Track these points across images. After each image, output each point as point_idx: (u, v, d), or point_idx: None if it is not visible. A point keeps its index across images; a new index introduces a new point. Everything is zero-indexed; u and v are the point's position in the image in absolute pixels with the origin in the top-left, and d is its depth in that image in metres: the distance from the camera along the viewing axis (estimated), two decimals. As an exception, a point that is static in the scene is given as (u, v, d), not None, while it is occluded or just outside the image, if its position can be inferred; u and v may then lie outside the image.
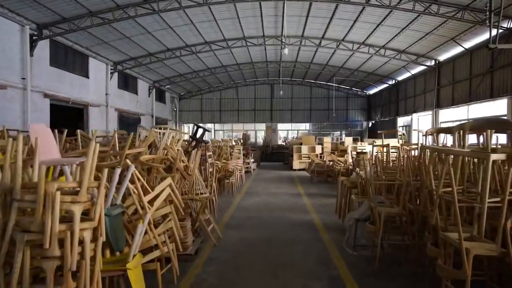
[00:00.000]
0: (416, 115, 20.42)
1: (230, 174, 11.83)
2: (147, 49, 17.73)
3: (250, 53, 21.64)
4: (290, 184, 14.59)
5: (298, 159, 20.41)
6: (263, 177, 17.00)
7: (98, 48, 16.07)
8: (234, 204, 9.92)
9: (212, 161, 9.95)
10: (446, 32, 14.19)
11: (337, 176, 14.46)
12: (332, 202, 10.13)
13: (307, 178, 16.55)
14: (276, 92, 30.30)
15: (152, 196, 4.13)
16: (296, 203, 10.25)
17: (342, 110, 30.62)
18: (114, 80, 18.82)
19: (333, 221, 7.81)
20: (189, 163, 6.72)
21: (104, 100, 17.77)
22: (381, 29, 15.40)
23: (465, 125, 3.81)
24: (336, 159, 15.08)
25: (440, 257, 3.75)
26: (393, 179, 6.54)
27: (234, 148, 16.79)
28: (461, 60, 15.39)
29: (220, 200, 10.27)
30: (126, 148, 4.70)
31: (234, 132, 33.26)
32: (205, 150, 9.44)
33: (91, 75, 16.49)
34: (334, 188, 13.09)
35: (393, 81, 23.91)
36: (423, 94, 19.31)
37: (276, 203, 10.24)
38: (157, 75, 23.27)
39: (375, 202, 5.27)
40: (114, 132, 6.05)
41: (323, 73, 25.88)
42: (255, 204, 10.04)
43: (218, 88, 31.09)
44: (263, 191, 12.46)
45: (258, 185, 14.18)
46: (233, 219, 8.06)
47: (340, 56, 21.20)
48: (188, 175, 6.19)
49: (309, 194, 11.86)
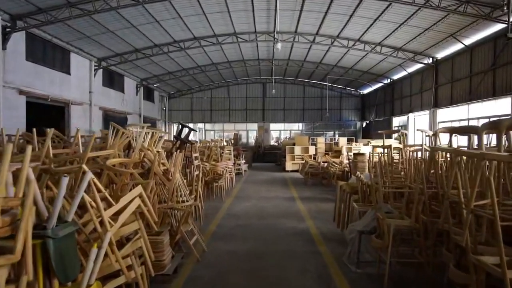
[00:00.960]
0: (413, 115, 19.84)
1: (219, 176, 11.07)
2: (133, 44, 16.85)
3: (241, 50, 20.88)
4: (283, 186, 13.87)
5: (291, 160, 19.70)
6: (254, 179, 16.26)
7: (80, 43, 15.16)
8: (223, 210, 9.15)
9: (199, 163, 9.18)
10: (445, 28, 13.57)
11: (332, 178, 13.79)
12: (328, 208, 9.44)
13: (300, 180, 15.85)
14: (269, 91, 29.57)
15: (115, 209, 3.36)
16: (290, 208, 9.52)
17: (335, 110, 29.99)
18: (98, 77, 17.91)
19: (331, 230, 7.09)
20: (171, 166, 5.95)
21: (88, 98, 16.86)
22: (378, 24, 14.75)
23: (503, 123, 3.09)
24: (331, 161, 14.39)
25: (470, 285, 3.05)
26: (400, 185, 5.85)
27: (224, 148, 16.03)
28: (461, 58, 14.80)
29: (208, 205, 9.51)
30: (88, 150, 3.90)
31: (225, 132, 32.44)
32: (191, 151, 8.66)
33: (73, 71, 15.59)
34: (329, 191, 12.41)
35: (388, 80, 23.32)
36: (420, 93, 18.73)
37: (268, 208, 9.50)
38: (145, 72, 22.38)
39: (382, 212, 4.55)
40: (76, 131, 5.24)
41: (317, 71, 25.21)
42: (245, 209, 9.29)
43: (209, 87, 30.26)
44: (255, 195, 11.72)
45: (249, 187, 13.43)
46: (221, 228, 7.30)
47: (334, 54, 20.53)
48: (167, 180, 5.42)
49: (304, 198, 11.15)
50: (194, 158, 8.75)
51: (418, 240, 4.59)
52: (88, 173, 3.07)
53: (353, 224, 5.28)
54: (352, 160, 10.72)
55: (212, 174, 11.18)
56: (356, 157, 10.62)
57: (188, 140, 8.50)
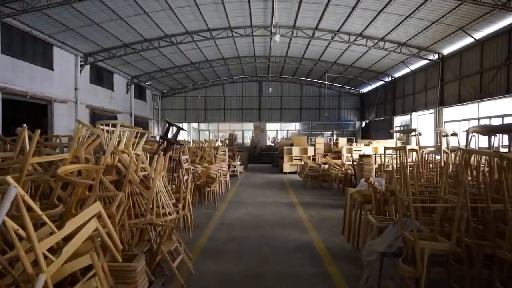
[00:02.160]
0: (416, 114, 18.98)
1: (212, 180, 10.10)
2: (122, 39, 15.84)
3: (236, 46, 19.92)
4: (281, 190, 12.94)
5: (289, 162, 18.77)
6: (250, 182, 15.31)
7: (64, 36, 14.13)
8: (216, 218, 8.19)
9: (188, 166, 8.22)
10: (455, 21, 12.70)
11: (333, 181, 12.88)
12: (332, 215, 8.53)
13: (299, 182, 14.93)
14: (265, 90, 28.68)
15: (58, 238, 2.41)
16: (290, 216, 8.58)
17: (334, 109, 29.12)
18: (85, 74, 16.89)
19: (339, 244, 6.15)
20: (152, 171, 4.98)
21: (73, 96, 15.84)
22: (382, 17, 13.86)
23: None
24: (332, 163, 13.47)
25: None
26: (427, 196, 4.94)
27: (218, 149, 15.07)
28: (470, 53, 13.94)
29: (199, 213, 8.55)
30: (30, 154, 2.92)
31: (221, 132, 31.50)
32: (179, 153, 7.70)
33: (57, 67, 14.56)
34: (330, 196, 11.50)
35: (389, 78, 22.46)
36: (424, 92, 17.87)
37: (266, 215, 8.56)
38: (136, 69, 21.37)
39: (414, 232, 3.61)
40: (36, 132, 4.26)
41: (315, 69, 24.32)
42: (240, 217, 8.34)
43: (203, 85, 29.29)
44: (251, 200, 10.77)
45: (244, 191, 12.48)
46: (212, 241, 6.34)
47: (334, 51, 19.64)
48: (146, 189, 4.46)
49: (304, 203, 10.21)
50: (183, 160, 7.79)
51: (456, 266, 3.67)
52: (11, 189, 2.12)
53: (372, 243, 4.34)
54: (357, 162, 9.81)
55: (204, 177, 10.21)
56: (362, 159, 9.70)
57: (176, 140, 7.54)
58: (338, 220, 8.00)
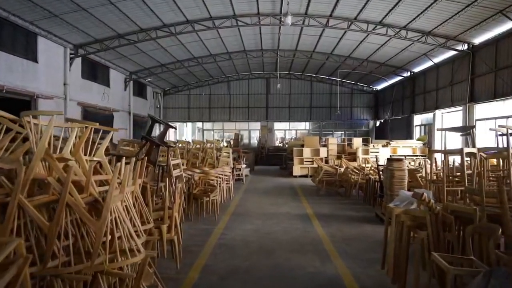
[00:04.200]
0: (440, 112, 17.21)
1: (212, 188, 8.50)
2: (114, 28, 14.30)
3: (242, 39, 18.31)
4: (293, 197, 11.32)
5: (299, 164, 17.13)
6: (257, 187, 13.70)
7: (49, 24, 12.63)
8: (214, 237, 6.59)
9: (180, 173, 6.64)
10: (493, 3, 10.97)
11: (352, 188, 11.23)
12: (359, 233, 6.93)
13: (311, 188, 13.31)
14: (273, 87, 27.05)
15: None
16: (306, 234, 6.95)
17: (346, 107, 27.36)
18: (76, 68, 15.42)
19: (378, 282, 4.52)
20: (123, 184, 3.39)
21: (62, 92, 14.36)
22: (405, 1, 12.18)
23: None
24: (351, 166, 11.80)
25: None
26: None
27: (221, 151, 13.49)
28: (510, 40, 12.17)
29: (195, 230, 6.98)
30: None
31: (226, 132, 29.95)
32: (167, 157, 6.10)
33: (42, 58, 13.08)
34: (351, 205, 9.85)
35: (408, 73, 20.67)
36: (450, 87, 16.09)
37: (277, 233, 6.95)
38: (134, 64, 19.87)
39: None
40: None
41: (327, 64, 22.62)
42: (245, 236, 6.73)
43: (207, 82, 27.73)
44: (258, 210, 9.17)
45: (250, 199, 10.88)
46: (206, 276, 4.74)
47: (348, 43, 17.95)
48: (92, 220, 2.87)
49: (321, 215, 8.59)
50: (173, 166, 6.19)
51: None
52: None
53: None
54: (385, 167, 8.15)
55: (202, 185, 8.62)
56: (391, 163, 8.01)
57: (163, 141, 5.96)
58: (368, 241, 6.39)
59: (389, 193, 7.99)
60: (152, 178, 5.78)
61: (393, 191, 7.87)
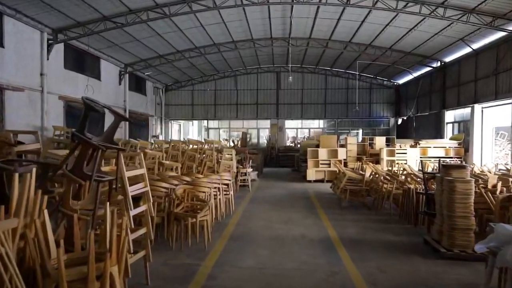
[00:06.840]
0: (479, 106, 14.70)
1: (201, 205, 6.26)
2: (98, 9, 12.16)
3: (249, 23, 16.02)
4: (308, 211, 9.05)
5: (314, 167, 14.84)
6: (265, 195, 11.45)
7: (16, 1, 10.57)
8: (196, 285, 4.38)
9: (147, 189, 4.43)
10: None
11: (383, 200, 8.91)
12: (411, 273, 4.65)
13: (330, 196, 11.07)
14: (283, 82, 24.74)
15: None
16: (333, 275, 4.69)
17: (364, 103, 24.84)
18: (57, 56, 13.37)
19: None
20: None
21: (38, 83, 12.31)
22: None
23: None
24: (381, 173, 9.47)
25: None
26: None
27: (223, 152, 11.35)
28: None
29: (172, 267, 4.77)
30: None
31: (233, 131, 27.80)
32: (118, 163, 3.88)
33: (9, 43, 11.03)
34: (384, 223, 7.48)
35: (438, 64, 18.15)
36: (493, 77, 13.59)
37: (290, 276, 4.69)
38: (129, 55, 17.77)
39: None
40: None
41: (344, 55, 20.20)
42: (242, 282, 4.49)
43: (213, 77, 25.52)
44: (263, 232, 6.92)
45: (255, 214, 8.62)
46: None
47: (371, 27, 15.54)
48: None
49: (349, 240, 6.32)
50: (126, 181, 3.97)
51: None
52: None
53: None
54: (441, 177, 5.81)
55: (188, 199, 6.38)
56: (449, 173, 5.68)
57: (111, 141, 3.76)
58: None
59: (446, 212, 5.69)
60: (91, 200, 3.59)
61: (454, 211, 5.57)
